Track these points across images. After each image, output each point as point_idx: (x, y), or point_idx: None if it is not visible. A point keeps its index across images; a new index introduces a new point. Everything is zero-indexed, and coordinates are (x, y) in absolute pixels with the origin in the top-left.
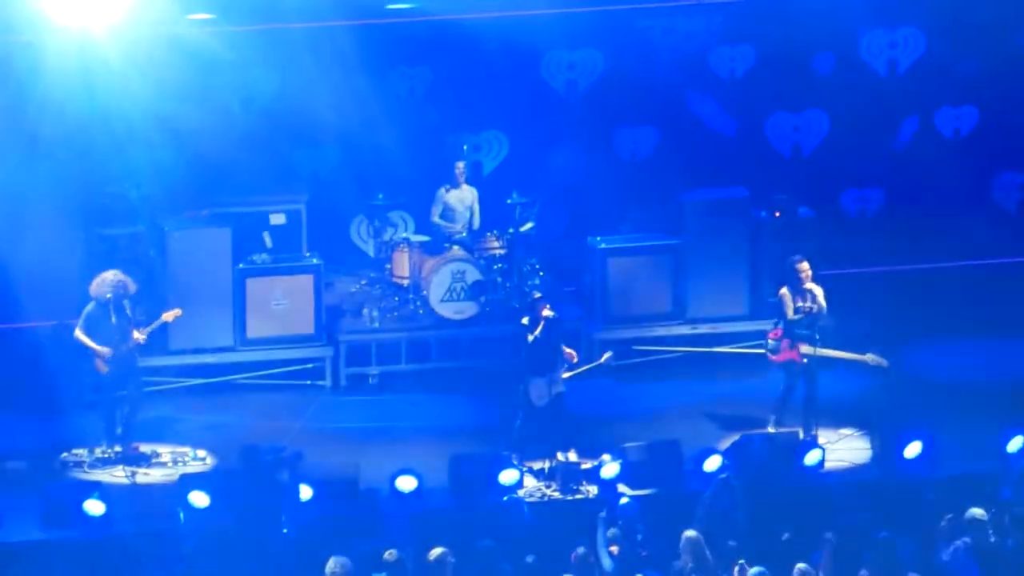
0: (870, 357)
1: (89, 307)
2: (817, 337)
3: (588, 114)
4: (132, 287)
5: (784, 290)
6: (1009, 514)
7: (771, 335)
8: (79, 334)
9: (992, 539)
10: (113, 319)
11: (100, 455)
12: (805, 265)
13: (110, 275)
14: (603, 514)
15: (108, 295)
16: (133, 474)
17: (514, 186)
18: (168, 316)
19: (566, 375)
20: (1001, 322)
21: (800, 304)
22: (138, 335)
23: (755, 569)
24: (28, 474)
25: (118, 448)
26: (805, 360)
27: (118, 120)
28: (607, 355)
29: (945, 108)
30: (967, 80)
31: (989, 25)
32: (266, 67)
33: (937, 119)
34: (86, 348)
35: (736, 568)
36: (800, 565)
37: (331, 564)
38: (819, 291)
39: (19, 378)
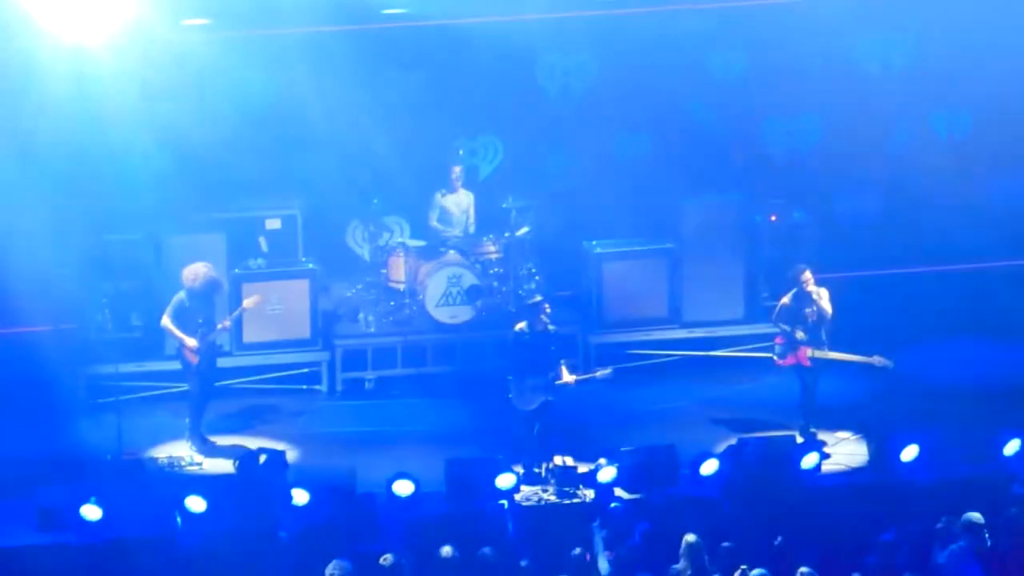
0: (876, 359)
1: (180, 296)
2: (824, 340)
3: (583, 118)
4: (225, 286)
5: (787, 298)
6: (1005, 518)
7: (777, 339)
8: (167, 323)
9: (989, 543)
10: (201, 310)
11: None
12: (808, 275)
13: (203, 267)
14: (596, 523)
15: (199, 286)
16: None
17: (510, 190)
18: (248, 303)
19: (571, 380)
20: (995, 325)
21: (806, 310)
22: (223, 325)
23: (757, 571)
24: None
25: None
26: (810, 364)
27: (114, 126)
28: (606, 371)
29: (940, 111)
30: (962, 83)
31: (983, 29)
32: (261, 72)
33: (932, 122)
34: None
35: (738, 573)
36: (803, 569)
37: (331, 567)
38: (824, 293)
39: (16, 383)
